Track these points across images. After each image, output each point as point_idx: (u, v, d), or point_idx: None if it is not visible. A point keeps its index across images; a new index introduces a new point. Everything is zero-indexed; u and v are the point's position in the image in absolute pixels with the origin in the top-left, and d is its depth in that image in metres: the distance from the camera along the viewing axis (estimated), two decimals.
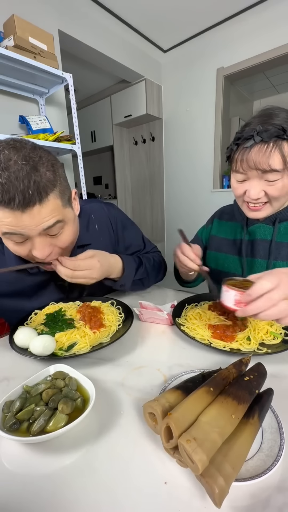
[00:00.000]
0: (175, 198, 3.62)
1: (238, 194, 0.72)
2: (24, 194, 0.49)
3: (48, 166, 0.53)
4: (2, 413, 0.40)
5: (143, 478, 0.33)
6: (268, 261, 0.78)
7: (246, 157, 0.64)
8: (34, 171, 0.50)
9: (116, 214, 0.91)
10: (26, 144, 0.53)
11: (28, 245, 0.57)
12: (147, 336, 0.66)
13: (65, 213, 0.59)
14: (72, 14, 2.25)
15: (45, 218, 0.53)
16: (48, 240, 0.59)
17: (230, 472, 0.28)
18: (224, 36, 2.73)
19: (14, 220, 0.51)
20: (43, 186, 0.51)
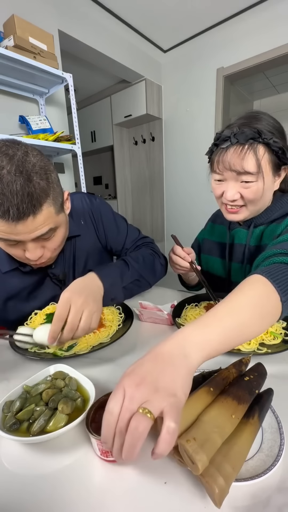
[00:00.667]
0: (175, 198, 3.62)
1: (217, 195, 0.73)
2: (18, 207, 0.49)
3: (41, 174, 0.52)
4: (2, 413, 0.40)
5: (143, 478, 0.33)
6: (242, 265, 0.79)
7: (223, 158, 0.65)
8: (27, 182, 0.50)
9: (99, 205, 0.87)
10: (18, 149, 0.52)
11: (21, 246, 0.58)
12: (147, 336, 0.66)
13: (58, 219, 0.59)
14: (72, 14, 2.25)
15: (38, 227, 0.54)
16: (40, 243, 0.60)
17: (230, 472, 0.28)
18: (224, 36, 2.72)
19: (8, 229, 0.52)
20: (36, 197, 0.51)
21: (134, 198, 4.14)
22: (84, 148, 3.20)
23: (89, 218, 0.84)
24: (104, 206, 0.88)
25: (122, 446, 0.28)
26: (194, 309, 0.73)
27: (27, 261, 0.63)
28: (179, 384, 0.30)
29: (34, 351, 0.57)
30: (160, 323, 0.72)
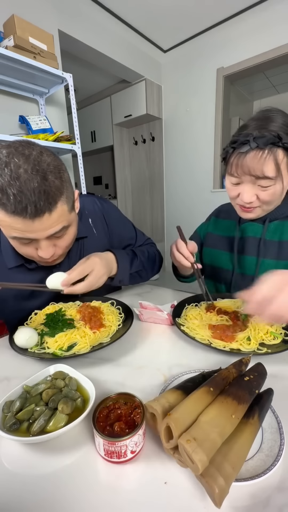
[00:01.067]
0: (175, 198, 3.62)
1: (232, 196, 0.73)
2: (35, 204, 0.51)
3: (55, 173, 0.54)
4: (2, 413, 0.40)
5: (143, 478, 0.33)
6: (257, 258, 0.79)
7: (241, 162, 0.64)
8: (44, 180, 0.51)
9: (109, 208, 0.92)
10: (33, 149, 0.53)
11: (33, 245, 0.60)
12: (147, 336, 0.66)
13: (70, 217, 0.62)
14: (72, 14, 2.25)
15: (53, 224, 0.56)
16: (53, 241, 0.62)
17: (230, 472, 0.28)
18: (224, 36, 2.73)
19: (24, 226, 0.53)
20: (52, 195, 0.53)
21: (134, 198, 4.14)
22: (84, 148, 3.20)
23: (101, 220, 0.87)
24: (115, 209, 0.94)
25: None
26: (194, 309, 0.73)
27: (38, 259, 0.64)
28: None
29: (34, 351, 0.57)
30: (160, 323, 0.72)
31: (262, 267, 0.78)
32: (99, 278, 0.66)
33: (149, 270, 0.91)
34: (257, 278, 0.76)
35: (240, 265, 0.84)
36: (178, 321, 0.67)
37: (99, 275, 0.66)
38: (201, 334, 0.61)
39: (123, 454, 0.34)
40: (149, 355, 0.59)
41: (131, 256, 0.83)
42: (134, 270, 0.83)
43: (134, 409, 0.37)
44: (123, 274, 0.78)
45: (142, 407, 0.37)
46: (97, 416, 0.36)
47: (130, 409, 0.37)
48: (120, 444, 0.33)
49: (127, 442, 0.33)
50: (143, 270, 0.87)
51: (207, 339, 0.60)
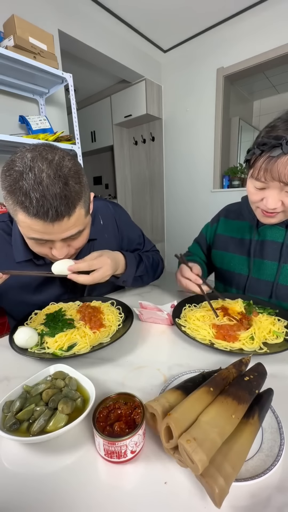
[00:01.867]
0: (175, 198, 3.62)
1: (254, 200, 0.69)
2: (57, 209, 0.53)
3: (75, 178, 0.56)
4: (2, 413, 0.40)
5: (143, 478, 0.33)
6: (278, 263, 0.76)
7: (271, 167, 0.59)
8: (65, 186, 0.54)
9: (120, 212, 0.96)
10: (56, 154, 0.55)
11: (48, 245, 0.63)
12: (147, 336, 0.66)
13: (86, 221, 0.65)
14: (72, 14, 2.25)
15: (70, 227, 0.59)
16: (67, 242, 0.65)
17: (230, 472, 0.28)
18: (224, 36, 2.72)
19: (43, 229, 0.56)
20: (72, 200, 0.55)
21: (134, 198, 4.14)
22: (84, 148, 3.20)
23: (112, 224, 0.91)
24: (125, 214, 0.98)
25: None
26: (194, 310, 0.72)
27: (51, 257, 0.67)
28: None
29: (34, 351, 0.57)
30: (160, 323, 0.72)
31: (284, 272, 0.75)
32: (104, 277, 0.69)
33: (150, 276, 0.95)
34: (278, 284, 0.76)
35: (257, 269, 0.80)
36: (178, 321, 0.67)
37: (105, 275, 0.69)
38: (203, 334, 0.61)
39: (123, 454, 0.34)
40: (149, 355, 0.59)
41: (138, 260, 0.87)
42: (138, 274, 0.86)
43: (134, 409, 0.37)
44: (128, 276, 0.81)
45: (142, 407, 0.37)
46: (97, 416, 0.36)
47: (130, 409, 0.37)
48: (120, 444, 0.33)
49: (127, 442, 0.33)
50: (146, 275, 0.91)
51: (208, 339, 0.60)
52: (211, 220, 1.00)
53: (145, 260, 0.90)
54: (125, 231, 0.95)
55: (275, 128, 0.61)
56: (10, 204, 0.55)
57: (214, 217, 0.99)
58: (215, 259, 0.93)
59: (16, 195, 0.52)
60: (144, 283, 0.95)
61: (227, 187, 3.14)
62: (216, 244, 0.93)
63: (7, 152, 1.81)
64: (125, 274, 0.80)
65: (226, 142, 3.13)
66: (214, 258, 0.93)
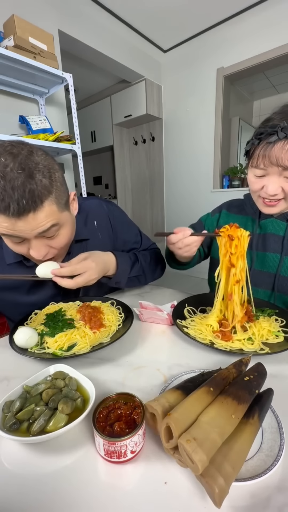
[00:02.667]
0: (175, 198, 3.62)
1: (255, 189, 0.71)
2: (18, 203, 0.51)
3: (44, 172, 0.54)
4: (2, 413, 0.40)
5: (143, 478, 0.33)
6: (280, 255, 0.78)
7: (269, 153, 0.63)
8: (29, 179, 0.51)
9: (114, 211, 0.92)
10: (23, 149, 0.54)
11: (26, 244, 0.60)
12: (147, 336, 0.66)
13: (62, 217, 0.61)
14: (72, 14, 2.25)
15: (40, 223, 0.56)
16: (45, 241, 0.61)
17: (230, 472, 0.28)
18: (224, 36, 2.73)
19: (10, 225, 0.54)
20: (38, 194, 0.53)
21: (134, 198, 4.14)
22: (84, 148, 3.20)
23: (106, 223, 0.88)
24: (121, 212, 0.94)
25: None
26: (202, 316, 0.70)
27: (32, 258, 0.65)
28: None
29: (34, 351, 0.57)
30: (160, 323, 0.72)
31: (285, 264, 0.77)
32: (88, 281, 0.67)
33: (148, 276, 0.92)
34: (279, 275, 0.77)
35: (260, 262, 0.82)
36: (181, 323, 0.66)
37: (89, 279, 0.66)
38: (205, 334, 0.61)
39: (123, 454, 0.34)
40: (149, 355, 0.59)
41: (133, 259, 0.84)
42: (134, 275, 0.83)
43: (134, 409, 0.37)
44: (121, 276, 0.78)
45: (142, 407, 0.37)
46: (97, 416, 0.36)
47: (130, 409, 0.37)
48: (120, 444, 0.33)
49: (127, 442, 0.33)
50: (143, 275, 0.88)
51: (209, 339, 0.59)
52: (212, 211, 1.00)
53: (142, 260, 0.87)
54: (119, 230, 0.92)
55: (271, 119, 0.65)
56: None
57: (216, 209, 0.99)
58: (215, 251, 0.93)
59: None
60: (142, 284, 0.92)
61: (227, 187, 3.15)
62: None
63: None
64: (117, 275, 0.77)
65: (226, 142, 3.13)
66: (214, 250, 0.93)
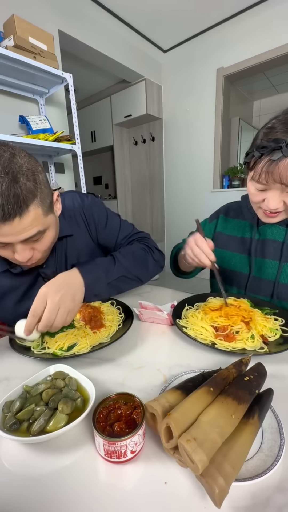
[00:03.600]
0: (175, 198, 3.62)
1: (256, 201, 0.69)
2: (3, 208, 0.49)
3: (28, 175, 0.52)
4: (2, 413, 0.40)
5: (143, 478, 0.33)
6: (279, 262, 0.77)
7: (272, 170, 0.59)
8: (13, 183, 0.49)
9: (89, 203, 0.85)
10: (5, 151, 0.52)
11: (10, 248, 0.58)
12: (147, 336, 0.66)
13: (46, 221, 0.58)
14: (72, 14, 2.25)
15: (26, 228, 0.53)
16: (29, 245, 0.59)
17: (230, 472, 0.28)
18: (224, 36, 2.73)
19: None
20: (23, 198, 0.51)
21: (134, 198, 4.14)
22: (84, 148, 3.20)
23: (81, 217, 0.82)
24: (96, 204, 0.86)
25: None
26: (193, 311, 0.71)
27: (17, 262, 0.61)
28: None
29: (34, 351, 0.57)
30: (160, 323, 0.72)
31: (285, 271, 0.76)
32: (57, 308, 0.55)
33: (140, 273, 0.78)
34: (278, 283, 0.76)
35: (258, 269, 0.81)
36: (180, 322, 0.66)
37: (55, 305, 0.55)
38: (206, 335, 0.61)
39: (123, 454, 0.34)
40: (149, 355, 0.59)
41: (107, 263, 0.72)
42: (114, 278, 0.71)
43: (134, 409, 0.37)
44: (96, 287, 0.66)
45: (142, 407, 0.37)
46: (97, 416, 0.36)
47: (130, 409, 0.37)
48: (120, 444, 0.33)
49: (127, 442, 0.33)
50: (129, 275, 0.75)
51: (209, 339, 0.59)
52: (210, 216, 0.99)
53: (120, 259, 0.74)
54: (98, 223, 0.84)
55: (273, 130, 0.60)
56: None
57: (213, 214, 0.98)
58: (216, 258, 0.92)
59: None
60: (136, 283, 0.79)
61: (227, 187, 3.15)
62: (215, 242, 0.92)
63: None
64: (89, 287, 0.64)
65: (226, 142, 3.13)
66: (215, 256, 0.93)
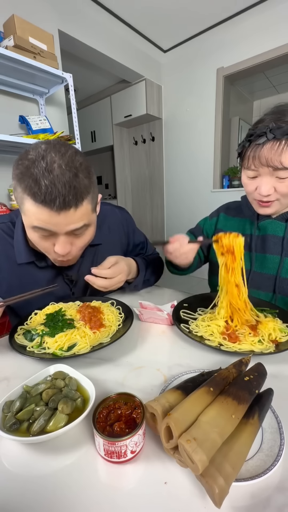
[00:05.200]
0: (175, 198, 3.62)
1: (249, 191, 0.72)
2: (64, 198, 0.53)
3: (85, 172, 0.57)
4: (2, 413, 0.40)
5: (143, 478, 0.33)
6: (280, 257, 0.78)
7: (258, 154, 0.64)
8: (75, 177, 0.55)
9: (127, 217, 0.97)
10: (70, 148, 0.58)
11: (52, 240, 0.62)
12: (147, 336, 0.66)
13: (92, 218, 0.64)
14: (72, 14, 2.25)
15: (75, 220, 0.58)
16: (71, 239, 0.63)
17: (230, 472, 0.28)
18: (224, 36, 2.73)
19: (48, 218, 0.56)
20: (80, 192, 0.56)
21: (134, 198, 4.14)
22: (84, 148, 3.20)
23: (118, 228, 0.92)
24: (131, 218, 1.00)
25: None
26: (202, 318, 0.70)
27: (54, 255, 0.65)
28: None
29: (34, 351, 0.57)
30: (160, 323, 0.72)
31: (286, 266, 0.77)
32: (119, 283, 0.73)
33: (153, 280, 0.98)
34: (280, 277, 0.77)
35: (259, 264, 0.82)
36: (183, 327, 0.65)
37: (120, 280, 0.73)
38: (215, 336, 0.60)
39: (123, 454, 0.34)
40: (149, 355, 0.59)
41: (146, 264, 0.90)
42: (146, 278, 0.90)
43: (134, 409, 0.37)
44: (139, 281, 0.85)
45: (142, 407, 0.37)
46: (97, 416, 0.36)
47: (130, 409, 0.37)
48: (120, 444, 0.33)
49: (127, 442, 0.33)
50: (152, 278, 0.95)
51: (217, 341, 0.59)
52: (210, 214, 1.00)
53: (151, 265, 0.93)
54: (131, 236, 0.97)
55: (261, 121, 0.66)
56: (19, 192, 0.56)
57: (213, 212, 0.99)
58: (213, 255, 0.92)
59: (26, 182, 0.53)
60: (148, 286, 0.98)
61: (227, 187, 3.15)
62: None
63: (7, 152, 1.81)
64: (137, 279, 0.84)
65: (226, 142, 3.13)
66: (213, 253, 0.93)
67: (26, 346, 0.59)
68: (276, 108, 0.67)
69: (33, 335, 0.61)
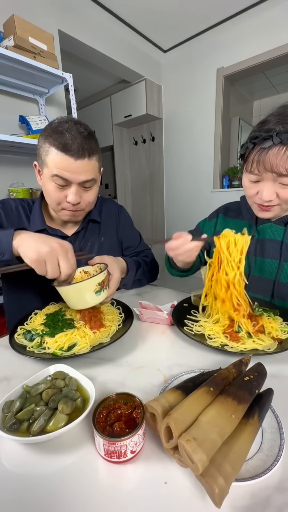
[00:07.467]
0: (175, 198, 3.62)
1: (250, 194, 0.70)
2: (83, 147, 0.69)
3: (95, 138, 0.75)
4: (2, 413, 0.40)
5: (143, 478, 0.33)
6: (279, 261, 0.77)
7: (263, 158, 0.61)
8: (89, 136, 0.72)
9: (123, 211, 1.05)
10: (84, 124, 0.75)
11: (65, 191, 0.74)
12: (147, 336, 0.66)
13: (98, 176, 0.79)
14: (72, 14, 2.25)
15: (87, 171, 0.72)
16: (81, 192, 0.76)
17: (230, 472, 0.28)
18: (224, 36, 2.73)
19: (66, 165, 0.69)
20: (93, 148, 0.72)
21: (134, 198, 4.14)
22: None
23: (116, 218, 1.01)
24: (127, 214, 1.08)
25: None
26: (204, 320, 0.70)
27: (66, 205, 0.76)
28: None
29: (34, 351, 0.57)
30: (160, 323, 0.72)
31: (284, 271, 0.76)
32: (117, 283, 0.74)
33: (148, 279, 0.99)
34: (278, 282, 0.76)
35: (258, 268, 0.81)
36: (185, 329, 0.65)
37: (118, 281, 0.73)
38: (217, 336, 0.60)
39: (123, 454, 0.34)
40: (149, 355, 0.59)
41: (137, 264, 0.93)
42: (137, 278, 0.92)
43: (134, 409, 0.37)
44: (128, 279, 0.88)
45: (142, 407, 0.37)
46: (97, 416, 0.36)
47: (130, 409, 0.38)
48: (120, 444, 0.33)
49: (127, 442, 0.33)
50: (143, 279, 0.96)
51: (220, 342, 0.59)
52: (209, 216, 0.99)
53: (143, 265, 0.95)
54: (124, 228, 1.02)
55: (266, 122, 0.63)
56: (45, 147, 0.70)
57: (212, 213, 0.98)
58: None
59: (54, 136, 0.68)
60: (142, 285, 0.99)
61: (227, 187, 3.14)
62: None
63: (7, 152, 1.81)
64: (126, 277, 0.87)
65: (226, 142, 3.13)
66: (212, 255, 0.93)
67: (26, 346, 0.59)
68: (283, 109, 0.64)
69: (33, 335, 0.61)
